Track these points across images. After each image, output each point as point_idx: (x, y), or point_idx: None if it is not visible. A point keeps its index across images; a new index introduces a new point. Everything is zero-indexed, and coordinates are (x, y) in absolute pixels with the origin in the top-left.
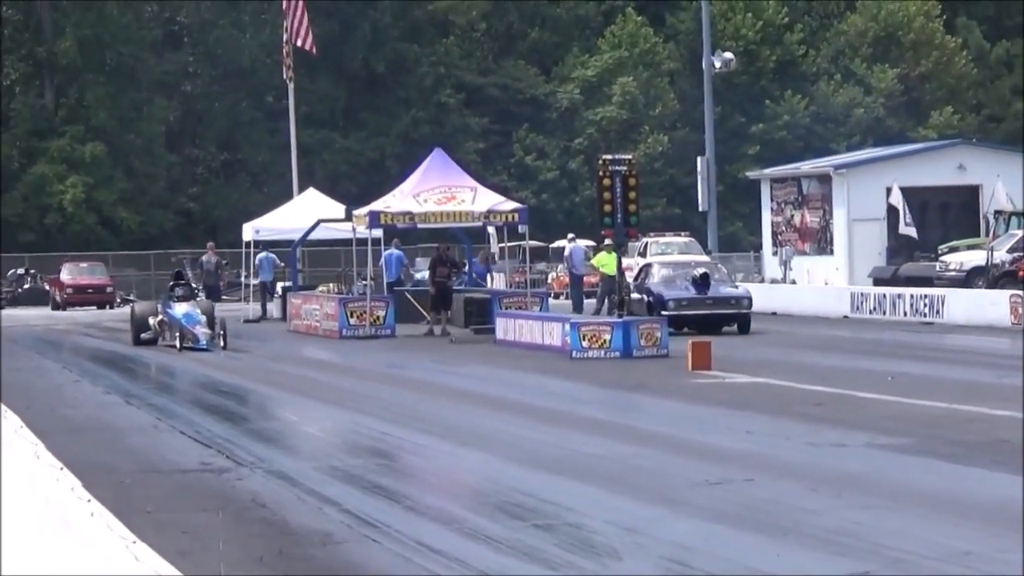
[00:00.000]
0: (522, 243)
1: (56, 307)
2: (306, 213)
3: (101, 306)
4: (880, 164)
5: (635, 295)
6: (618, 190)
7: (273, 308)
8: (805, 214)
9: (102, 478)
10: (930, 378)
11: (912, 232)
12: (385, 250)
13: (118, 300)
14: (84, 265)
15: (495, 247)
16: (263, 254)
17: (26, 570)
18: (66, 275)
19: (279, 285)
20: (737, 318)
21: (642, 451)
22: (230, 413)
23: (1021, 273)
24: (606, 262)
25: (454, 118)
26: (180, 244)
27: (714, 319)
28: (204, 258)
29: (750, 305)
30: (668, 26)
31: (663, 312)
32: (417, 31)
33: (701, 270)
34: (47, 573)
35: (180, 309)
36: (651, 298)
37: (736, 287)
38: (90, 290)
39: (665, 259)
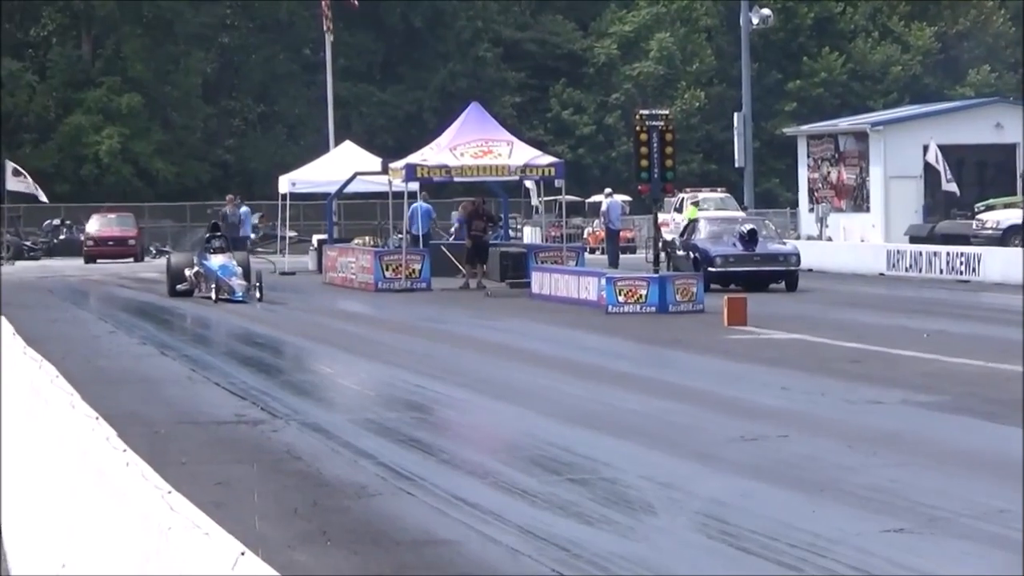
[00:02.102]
0: (558, 198)
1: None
2: (342, 166)
3: (123, 259)
4: (917, 122)
5: (680, 252)
6: (655, 145)
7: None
8: (842, 171)
9: (137, 429)
10: (966, 336)
11: (954, 188)
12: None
13: (153, 252)
14: (112, 216)
15: (535, 200)
16: (243, 208)
17: (61, 517)
18: (93, 226)
19: (317, 239)
20: (785, 275)
21: (677, 406)
22: (265, 365)
23: None
24: (697, 217)
25: (491, 72)
26: (216, 196)
27: (761, 276)
28: (227, 210)
29: (798, 262)
30: None
31: (710, 269)
32: None
33: (748, 226)
34: (82, 521)
35: (216, 261)
36: (697, 254)
37: (784, 243)
38: (111, 242)
39: (712, 215)
